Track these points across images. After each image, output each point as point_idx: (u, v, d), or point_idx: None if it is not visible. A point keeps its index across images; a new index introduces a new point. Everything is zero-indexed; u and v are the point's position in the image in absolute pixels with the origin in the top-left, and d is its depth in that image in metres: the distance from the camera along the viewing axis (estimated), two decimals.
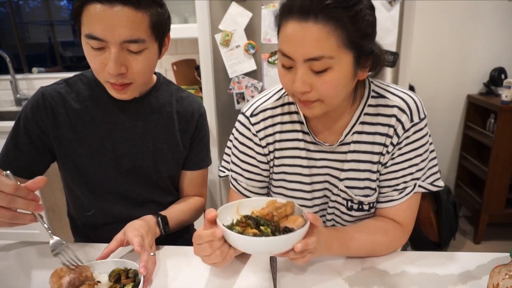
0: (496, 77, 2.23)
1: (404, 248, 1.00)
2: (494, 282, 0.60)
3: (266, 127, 0.85)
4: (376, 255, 0.80)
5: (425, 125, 0.78)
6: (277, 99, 0.86)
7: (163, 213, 0.93)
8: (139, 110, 0.94)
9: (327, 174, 0.85)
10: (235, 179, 0.91)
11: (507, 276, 0.59)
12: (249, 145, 0.87)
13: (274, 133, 0.85)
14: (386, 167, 0.81)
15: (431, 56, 2.31)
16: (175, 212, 0.96)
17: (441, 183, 0.82)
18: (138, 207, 0.98)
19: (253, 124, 0.85)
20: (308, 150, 0.84)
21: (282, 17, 0.68)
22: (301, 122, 0.83)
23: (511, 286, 0.58)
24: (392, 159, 0.80)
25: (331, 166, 0.84)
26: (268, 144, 0.86)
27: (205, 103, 1.71)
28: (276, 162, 0.87)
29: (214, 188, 1.85)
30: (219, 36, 1.59)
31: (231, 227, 0.65)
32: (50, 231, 0.69)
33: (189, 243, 1.07)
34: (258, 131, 0.85)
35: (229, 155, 0.93)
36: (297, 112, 0.84)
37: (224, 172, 0.95)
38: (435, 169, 0.82)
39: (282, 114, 0.85)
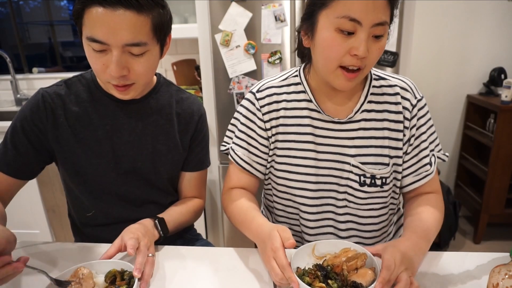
0: (496, 77, 2.23)
1: None
2: (494, 282, 0.60)
3: (270, 103, 0.90)
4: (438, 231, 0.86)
5: (426, 102, 0.89)
6: (283, 79, 0.92)
7: (161, 215, 0.93)
8: (138, 111, 0.94)
9: (336, 153, 0.87)
10: (233, 150, 0.94)
11: (506, 276, 0.59)
12: (251, 118, 0.92)
13: (279, 109, 0.90)
14: (411, 145, 0.87)
15: (431, 56, 2.31)
16: (173, 215, 0.96)
17: (446, 153, 0.92)
18: (138, 208, 0.98)
19: (258, 99, 0.91)
20: (314, 126, 0.87)
21: None
22: (307, 100, 0.88)
23: (511, 286, 0.58)
24: (413, 135, 0.87)
25: (339, 144, 0.87)
26: (271, 119, 0.90)
27: (205, 103, 1.71)
28: (280, 137, 0.90)
29: (214, 188, 1.85)
30: (219, 36, 1.59)
31: (302, 275, 0.69)
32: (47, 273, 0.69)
33: (188, 243, 1.08)
34: (262, 106, 0.90)
35: (231, 131, 0.97)
36: (303, 91, 0.89)
37: (225, 146, 0.98)
38: (438, 140, 0.92)
39: (288, 93, 0.90)
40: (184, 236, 1.11)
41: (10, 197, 0.92)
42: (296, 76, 0.91)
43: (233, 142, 0.95)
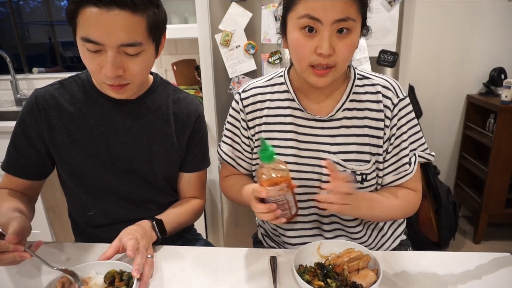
0: (496, 77, 2.22)
1: (404, 248, 1.00)
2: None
3: (254, 103, 0.94)
4: (396, 217, 0.93)
5: (409, 102, 0.89)
6: (268, 80, 0.96)
7: (159, 216, 0.92)
8: (134, 111, 0.93)
9: (318, 150, 0.89)
10: (219, 146, 1.03)
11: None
12: (236, 117, 0.97)
13: (263, 109, 0.93)
14: (391, 144, 0.88)
15: (431, 56, 2.31)
16: (172, 216, 0.96)
17: (432, 153, 0.92)
18: (138, 208, 0.98)
19: (242, 99, 0.95)
20: (296, 124, 0.90)
21: None
22: (290, 99, 0.91)
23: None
24: (393, 135, 0.88)
25: (321, 141, 0.89)
26: (255, 118, 0.94)
27: (205, 103, 1.71)
28: (263, 135, 0.93)
29: (214, 188, 1.85)
30: (219, 36, 1.59)
31: (303, 272, 0.71)
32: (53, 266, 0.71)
33: (188, 243, 1.08)
34: (245, 106, 0.94)
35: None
36: (287, 91, 0.92)
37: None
38: (423, 140, 0.91)
39: (272, 92, 0.94)
40: (184, 236, 1.11)
41: (35, 195, 0.98)
42: (281, 76, 0.94)
43: (221, 140, 1.01)
